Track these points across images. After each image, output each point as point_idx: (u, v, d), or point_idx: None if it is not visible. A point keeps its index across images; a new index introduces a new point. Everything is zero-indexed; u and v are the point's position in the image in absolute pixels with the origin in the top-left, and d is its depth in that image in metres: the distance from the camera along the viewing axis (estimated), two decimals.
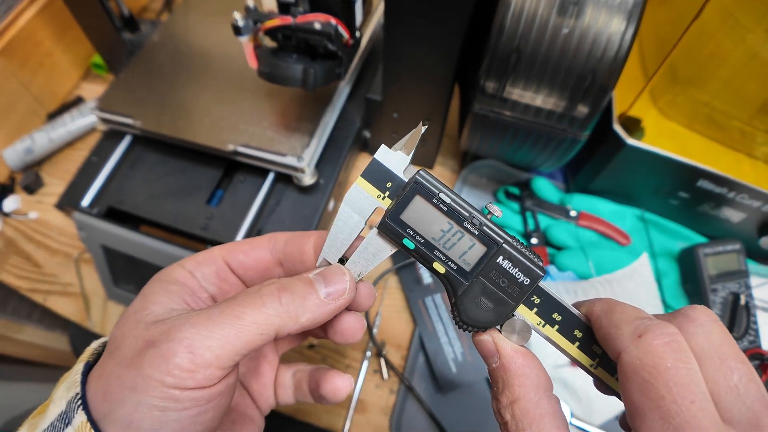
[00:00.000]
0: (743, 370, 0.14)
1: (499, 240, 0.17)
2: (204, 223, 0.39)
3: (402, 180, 0.18)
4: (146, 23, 0.51)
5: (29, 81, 0.52)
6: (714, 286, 0.41)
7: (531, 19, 0.31)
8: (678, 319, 0.15)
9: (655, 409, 0.13)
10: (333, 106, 0.40)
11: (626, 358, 0.14)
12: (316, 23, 0.32)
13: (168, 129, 0.40)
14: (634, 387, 0.14)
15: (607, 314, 0.16)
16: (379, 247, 0.19)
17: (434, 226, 0.18)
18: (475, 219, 0.17)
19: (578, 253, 0.41)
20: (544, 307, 0.18)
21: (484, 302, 0.18)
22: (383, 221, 0.18)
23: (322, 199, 0.40)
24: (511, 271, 0.17)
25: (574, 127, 0.35)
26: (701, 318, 0.15)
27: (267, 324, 0.17)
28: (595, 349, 0.17)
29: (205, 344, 0.16)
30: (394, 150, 0.18)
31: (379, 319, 0.42)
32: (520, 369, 0.17)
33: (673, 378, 0.13)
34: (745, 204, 0.41)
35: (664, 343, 0.14)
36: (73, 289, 0.45)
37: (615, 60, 0.31)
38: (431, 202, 0.17)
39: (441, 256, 0.18)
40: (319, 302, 0.18)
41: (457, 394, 0.39)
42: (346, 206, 0.18)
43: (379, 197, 0.18)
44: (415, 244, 0.18)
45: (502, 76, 0.33)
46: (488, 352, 0.18)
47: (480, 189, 0.47)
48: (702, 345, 0.15)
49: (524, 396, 0.16)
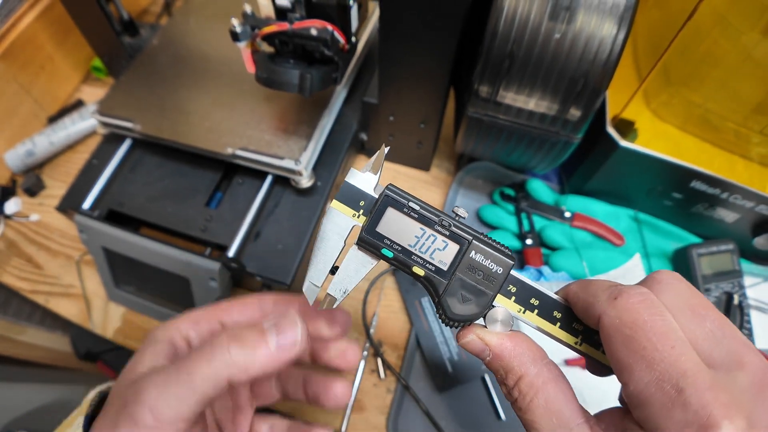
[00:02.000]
0: (714, 316, 0.15)
1: (469, 237, 0.19)
2: (203, 225, 0.39)
3: (373, 197, 0.19)
4: (146, 27, 0.51)
5: (30, 84, 0.52)
6: (707, 286, 0.41)
7: (523, 23, 0.31)
8: (648, 282, 0.17)
9: (640, 359, 0.14)
10: (330, 110, 0.41)
11: (606, 320, 0.15)
12: (312, 29, 0.33)
13: (167, 133, 0.40)
14: (617, 344, 0.15)
15: (583, 289, 0.18)
16: (360, 263, 0.20)
17: (408, 233, 0.19)
18: (445, 221, 0.19)
19: (572, 253, 0.41)
20: (521, 294, 0.19)
21: (464, 296, 0.19)
22: (361, 236, 0.19)
23: (320, 201, 0.40)
24: (485, 263, 0.19)
25: (567, 129, 0.35)
26: (668, 278, 0.16)
27: (216, 377, 0.18)
28: (576, 326, 0.19)
29: (165, 403, 0.17)
30: (363, 171, 0.20)
31: (376, 319, 0.42)
32: (512, 352, 0.18)
33: (652, 329, 0.14)
34: (738, 204, 0.41)
35: (639, 301, 0.15)
36: (74, 291, 0.46)
37: (607, 63, 0.32)
38: (402, 211, 0.19)
39: (419, 260, 0.19)
40: (268, 353, 0.19)
41: (454, 393, 0.39)
42: (325, 229, 0.20)
43: (354, 216, 0.20)
44: (393, 252, 0.19)
45: (495, 80, 0.34)
46: (478, 350, 0.18)
47: (476, 191, 0.48)
48: (672, 301, 0.15)
49: (525, 372, 0.17)
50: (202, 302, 0.38)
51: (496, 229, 0.45)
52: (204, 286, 0.37)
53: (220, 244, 0.38)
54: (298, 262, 0.38)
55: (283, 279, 0.37)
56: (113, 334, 0.44)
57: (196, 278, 0.37)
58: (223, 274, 0.37)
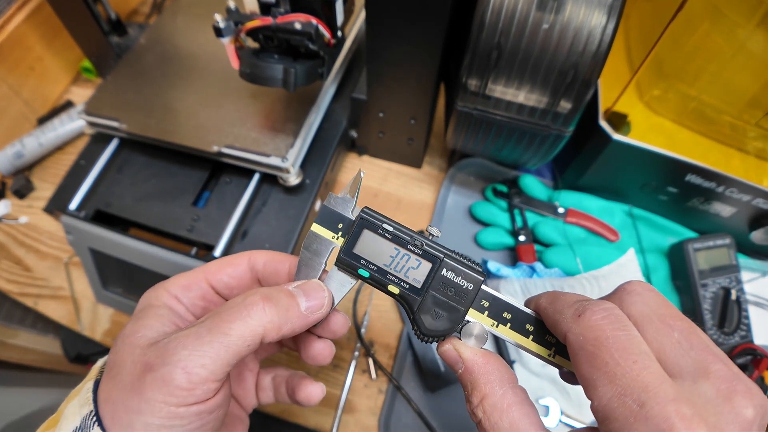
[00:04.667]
0: (683, 326, 0.15)
1: (440, 255, 0.19)
2: (190, 225, 0.39)
3: (350, 219, 0.20)
4: (134, 27, 0.51)
5: (19, 86, 0.52)
6: (704, 281, 0.40)
7: (511, 14, 0.30)
8: (616, 294, 0.17)
9: (603, 375, 0.14)
10: (318, 107, 0.40)
11: (571, 337, 0.16)
12: (296, 23, 0.32)
13: (154, 132, 0.40)
14: (582, 361, 0.15)
15: (551, 303, 0.18)
16: (340, 282, 0.21)
17: (384, 253, 0.20)
18: (417, 240, 0.20)
19: (566, 249, 0.40)
20: (494, 309, 0.19)
21: (438, 313, 0.19)
22: (339, 257, 0.20)
23: (309, 200, 0.40)
24: (456, 280, 0.19)
25: (557, 123, 0.35)
26: (637, 288, 0.17)
27: (252, 335, 0.18)
28: (548, 338, 0.19)
29: (198, 363, 0.17)
30: (341, 194, 0.21)
31: (368, 318, 0.42)
32: (482, 368, 0.18)
33: (614, 344, 0.14)
34: (734, 198, 0.40)
35: (602, 317, 0.15)
36: (63, 293, 0.45)
37: (596, 54, 0.31)
38: (377, 233, 0.20)
39: (394, 279, 0.20)
40: (299, 314, 0.20)
41: (446, 393, 0.39)
42: (306, 251, 0.21)
43: (334, 237, 0.20)
44: (369, 272, 0.20)
45: (483, 73, 0.33)
46: (452, 360, 0.19)
47: (468, 187, 0.47)
48: (641, 311, 0.16)
49: (491, 391, 0.17)
50: None
51: (489, 226, 0.44)
52: None
53: (207, 244, 0.38)
54: None
55: None
56: (102, 336, 0.43)
57: None
58: None
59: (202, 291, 0.22)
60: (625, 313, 0.16)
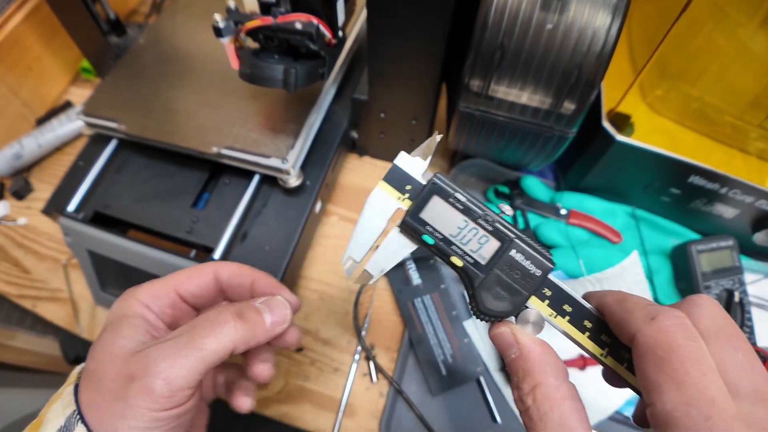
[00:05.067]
0: (747, 349, 0.16)
1: (511, 235, 0.19)
2: (189, 227, 0.38)
3: (420, 183, 0.20)
4: (133, 27, 0.51)
5: (18, 86, 0.51)
6: (707, 283, 0.40)
7: (514, 14, 0.30)
8: (685, 305, 0.17)
9: (671, 381, 0.14)
10: (318, 107, 0.40)
11: (641, 339, 0.16)
12: (296, 23, 0.32)
13: (153, 133, 0.39)
14: (649, 364, 0.15)
15: (620, 303, 0.18)
16: (399, 245, 0.20)
17: (451, 223, 0.19)
18: (489, 216, 0.19)
19: (568, 251, 0.40)
20: (555, 299, 0.19)
21: (499, 293, 0.19)
22: (404, 219, 0.19)
23: (309, 201, 0.39)
24: (524, 264, 0.19)
25: (561, 124, 0.34)
26: (706, 303, 0.17)
27: (224, 349, 0.20)
28: (604, 338, 0.19)
29: (177, 373, 0.19)
30: (413, 155, 0.20)
31: (368, 321, 0.41)
32: (539, 357, 0.18)
33: (685, 353, 0.15)
34: (737, 200, 0.40)
35: (675, 324, 0.15)
36: (62, 295, 0.45)
37: (601, 55, 0.31)
38: (448, 201, 0.19)
39: (458, 251, 0.19)
40: (265, 329, 0.22)
41: (448, 396, 0.38)
42: (369, 207, 0.20)
43: (400, 199, 0.20)
44: (435, 239, 0.19)
45: (486, 74, 0.33)
46: (507, 344, 0.19)
47: (469, 188, 0.47)
48: (708, 326, 0.16)
49: (545, 381, 0.17)
50: None
51: None
52: None
53: (206, 246, 0.37)
54: (287, 264, 0.37)
55: None
56: None
57: None
58: None
59: (171, 300, 0.24)
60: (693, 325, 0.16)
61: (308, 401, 0.39)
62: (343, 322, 0.42)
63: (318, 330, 0.41)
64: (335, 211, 0.47)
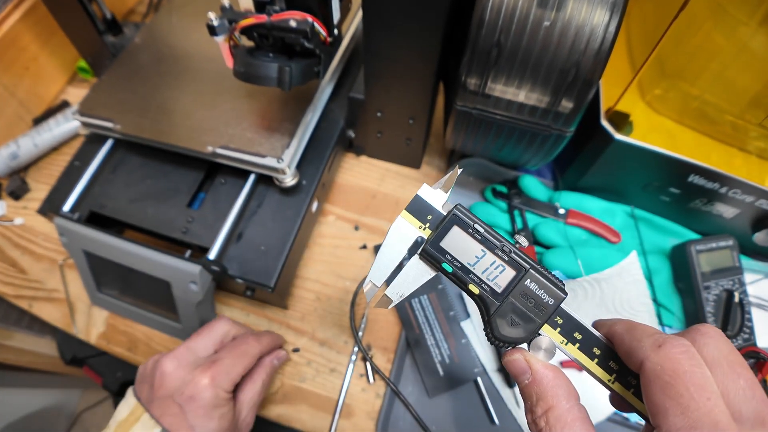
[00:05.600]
0: (749, 376, 0.17)
1: (527, 265, 0.20)
2: (185, 227, 0.38)
3: (440, 213, 0.21)
4: (129, 26, 0.51)
5: (15, 86, 0.51)
6: (707, 284, 0.40)
7: (511, 11, 0.30)
8: (690, 334, 0.18)
9: (676, 405, 0.15)
10: (314, 106, 0.40)
11: (649, 365, 0.17)
12: (291, 21, 0.32)
13: (148, 132, 0.39)
14: (656, 389, 0.16)
15: (629, 331, 0.19)
16: (419, 272, 0.21)
17: (470, 252, 0.20)
18: (506, 247, 0.20)
19: (567, 251, 0.40)
20: (566, 327, 0.20)
21: (514, 320, 0.20)
22: (425, 248, 0.21)
23: (305, 201, 0.39)
24: (538, 293, 0.20)
25: (558, 122, 0.34)
26: (710, 332, 0.18)
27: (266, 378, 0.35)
28: (611, 365, 0.19)
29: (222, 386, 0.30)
30: (434, 188, 0.21)
31: (365, 321, 0.41)
32: (552, 382, 0.19)
33: (691, 379, 0.15)
34: (737, 199, 0.40)
35: (681, 352, 0.16)
36: (58, 295, 0.45)
37: (599, 53, 0.30)
38: (467, 231, 0.20)
39: (476, 279, 0.20)
40: (276, 364, 0.37)
41: (446, 397, 0.38)
42: (391, 235, 0.21)
43: (421, 228, 0.21)
44: (453, 268, 0.20)
45: (483, 72, 0.32)
46: (520, 370, 0.19)
47: (467, 188, 0.47)
48: (712, 354, 0.17)
49: (557, 404, 0.18)
50: (183, 305, 0.37)
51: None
52: (184, 289, 0.36)
53: (201, 246, 0.37)
54: (282, 264, 0.37)
55: (267, 282, 0.36)
56: (96, 339, 0.43)
57: (176, 281, 0.36)
58: (204, 277, 0.36)
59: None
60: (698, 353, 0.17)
61: (305, 402, 0.38)
62: (340, 322, 0.41)
63: (314, 330, 0.41)
64: (332, 211, 0.47)
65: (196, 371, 0.30)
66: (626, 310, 0.37)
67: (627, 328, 0.19)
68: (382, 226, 0.46)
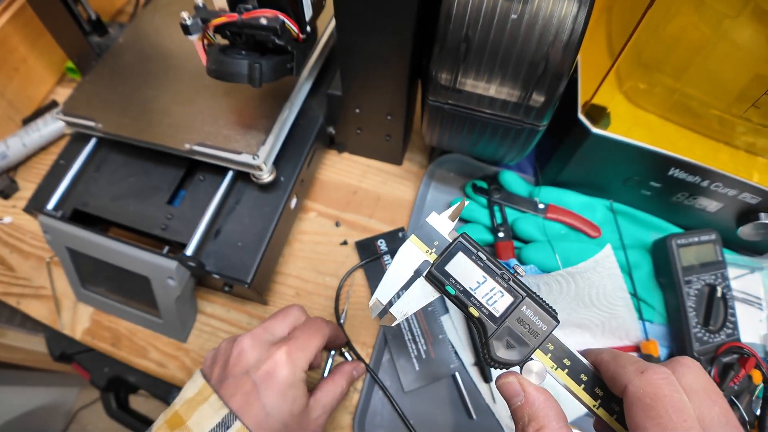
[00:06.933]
0: (723, 404, 0.18)
1: (523, 293, 0.21)
2: (164, 224, 0.38)
3: (446, 240, 0.23)
4: (115, 26, 0.51)
5: (4, 87, 0.52)
6: (688, 278, 0.39)
7: (478, 5, 0.30)
8: (671, 364, 0.19)
9: (656, 425, 0.17)
10: (291, 103, 0.40)
11: (631, 389, 0.18)
12: (262, 18, 0.32)
13: (128, 131, 0.40)
14: (638, 411, 0.18)
15: (614, 359, 0.20)
16: (423, 292, 0.23)
17: (472, 278, 0.22)
18: (505, 275, 0.22)
19: (545, 246, 0.40)
20: (557, 353, 0.21)
21: (509, 343, 0.21)
22: (431, 271, 0.22)
23: (283, 197, 0.39)
24: (532, 319, 0.21)
25: (530, 117, 0.34)
26: (689, 363, 0.19)
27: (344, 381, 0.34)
28: (597, 391, 0.21)
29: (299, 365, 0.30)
30: (441, 216, 0.23)
31: (345, 317, 0.41)
32: (543, 404, 0.20)
33: (670, 403, 0.17)
34: (720, 193, 0.39)
35: (661, 378, 0.18)
36: (45, 292, 0.45)
37: (568, 45, 0.30)
38: (471, 258, 0.22)
39: (476, 302, 0.22)
40: (355, 376, 0.36)
41: (423, 391, 0.38)
42: (400, 257, 0.23)
43: (427, 252, 0.23)
44: (456, 290, 0.22)
45: (453, 66, 0.32)
46: (513, 393, 0.21)
47: (447, 184, 0.47)
48: (690, 383, 0.18)
49: (548, 425, 0.19)
50: (163, 301, 0.38)
51: (469, 222, 0.44)
52: (163, 284, 0.36)
53: (180, 243, 0.38)
54: (259, 260, 0.37)
55: (243, 277, 0.36)
56: (81, 335, 0.43)
57: (155, 277, 0.36)
58: (181, 273, 0.36)
59: None
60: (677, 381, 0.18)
61: None
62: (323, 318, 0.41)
63: None
64: (313, 207, 0.47)
65: (273, 347, 0.29)
66: (603, 304, 0.37)
67: (613, 356, 0.20)
68: (362, 222, 0.46)
